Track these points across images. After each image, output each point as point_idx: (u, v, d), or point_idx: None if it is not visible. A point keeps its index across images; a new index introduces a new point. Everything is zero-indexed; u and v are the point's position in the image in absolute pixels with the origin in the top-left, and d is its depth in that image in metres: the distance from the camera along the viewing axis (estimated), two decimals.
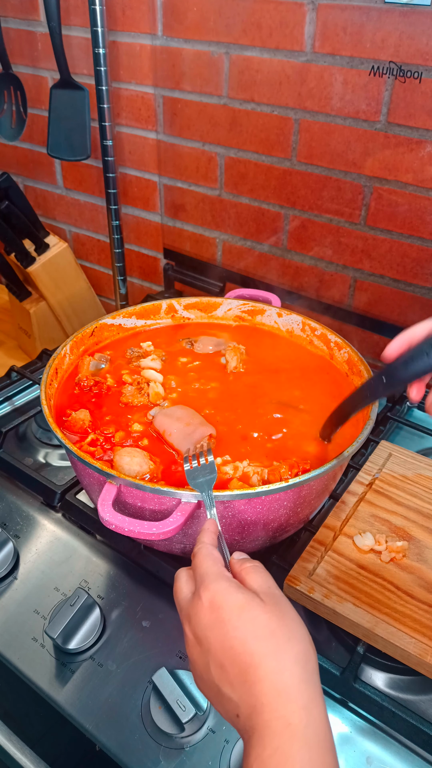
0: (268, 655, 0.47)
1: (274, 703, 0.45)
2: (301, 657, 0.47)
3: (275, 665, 0.46)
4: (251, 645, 0.47)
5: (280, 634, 0.48)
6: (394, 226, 1.07)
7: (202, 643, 0.49)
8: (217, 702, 0.49)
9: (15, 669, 0.74)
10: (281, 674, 0.46)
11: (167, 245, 1.41)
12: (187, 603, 0.52)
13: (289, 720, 0.44)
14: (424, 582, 0.74)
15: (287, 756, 0.43)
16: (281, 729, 0.44)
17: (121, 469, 0.72)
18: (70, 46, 1.27)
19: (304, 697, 0.45)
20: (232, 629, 0.48)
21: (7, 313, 1.59)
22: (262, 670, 0.46)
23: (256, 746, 0.44)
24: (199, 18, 1.10)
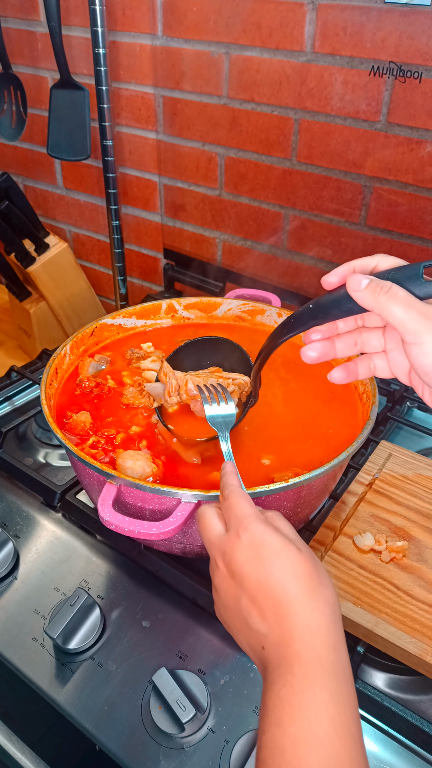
0: (303, 594, 0.49)
1: (305, 636, 0.47)
2: (330, 601, 0.50)
3: (309, 604, 0.48)
4: (288, 583, 0.49)
5: (315, 577, 0.50)
6: (394, 226, 1.07)
7: (236, 576, 0.51)
8: (241, 633, 0.51)
9: (15, 669, 0.74)
10: (313, 612, 0.48)
11: (167, 245, 1.41)
12: (222, 538, 0.54)
13: (318, 653, 0.46)
14: (424, 582, 0.74)
15: (316, 682, 0.45)
16: (311, 659, 0.46)
17: (123, 471, 0.72)
18: (70, 46, 1.27)
19: (333, 637, 0.48)
20: (270, 566, 0.50)
21: (7, 313, 1.59)
22: (295, 606, 0.48)
23: (285, 673, 0.46)
24: (199, 18, 1.10)
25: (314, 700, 0.44)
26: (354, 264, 0.55)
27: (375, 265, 0.54)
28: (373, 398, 0.79)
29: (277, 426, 0.83)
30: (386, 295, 0.50)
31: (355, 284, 0.52)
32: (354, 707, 0.46)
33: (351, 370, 0.60)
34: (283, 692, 0.45)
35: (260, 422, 0.84)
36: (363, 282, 0.51)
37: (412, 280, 0.51)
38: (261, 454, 0.79)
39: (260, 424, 0.83)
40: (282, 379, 0.93)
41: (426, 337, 0.49)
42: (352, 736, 0.44)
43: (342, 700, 0.45)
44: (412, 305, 0.49)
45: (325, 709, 0.44)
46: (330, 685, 0.45)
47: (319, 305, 0.58)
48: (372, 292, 0.51)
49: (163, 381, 0.83)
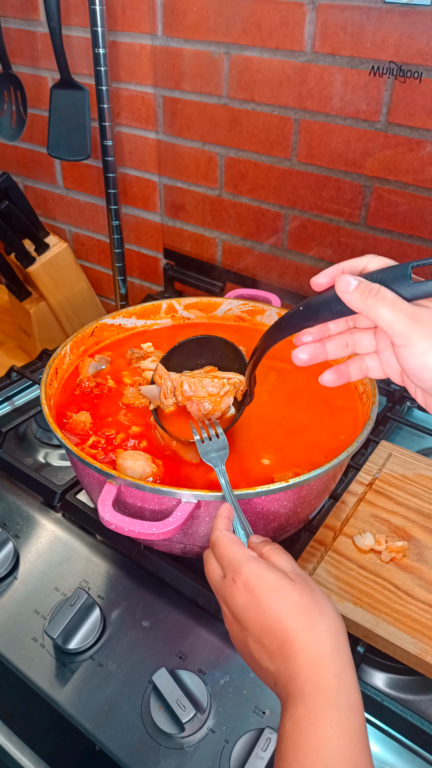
0: (303, 630, 0.49)
1: (308, 672, 0.48)
2: (333, 630, 0.50)
3: (309, 638, 0.49)
4: (286, 622, 0.50)
5: (313, 609, 0.51)
6: (394, 226, 1.07)
7: (240, 621, 0.52)
8: (257, 671, 0.53)
9: (15, 669, 0.74)
10: (315, 646, 0.49)
11: (167, 245, 1.41)
12: (221, 584, 0.55)
13: (321, 685, 0.47)
14: (424, 582, 0.74)
15: (318, 715, 0.46)
16: (314, 693, 0.47)
17: (123, 471, 0.72)
18: (70, 46, 1.27)
19: (336, 666, 0.48)
20: (267, 608, 0.51)
21: (7, 313, 1.59)
22: (297, 644, 0.49)
23: (290, 708, 0.47)
24: (199, 18, 1.10)
25: (317, 737, 0.45)
26: (343, 265, 0.55)
27: (364, 265, 0.54)
28: (373, 398, 0.79)
29: (277, 426, 0.83)
30: (374, 298, 0.50)
31: (343, 286, 0.51)
32: (360, 736, 0.46)
33: (342, 373, 0.60)
34: (288, 726, 0.46)
35: (260, 422, 0.84)
36: (352, 284, 0.51)
37: (400, 280, 0.51)
38: (261, 454, 0.79)
39: (260, 423, 0.83)
40: (282, 378, 0.93)
41: (414, 339, 0.49)
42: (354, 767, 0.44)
43: (345, 732, 0.45)
44: (400, 307, 0.49)
45: (328, 744, 0.45)
46: (331, 715, 0.46)
47: (309, 307, 0.58)
48: (360, 294, 0.50)
49: (158, 383, 0.83)
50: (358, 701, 0.48)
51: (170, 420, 0.82)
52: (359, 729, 0.46)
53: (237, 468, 0.77)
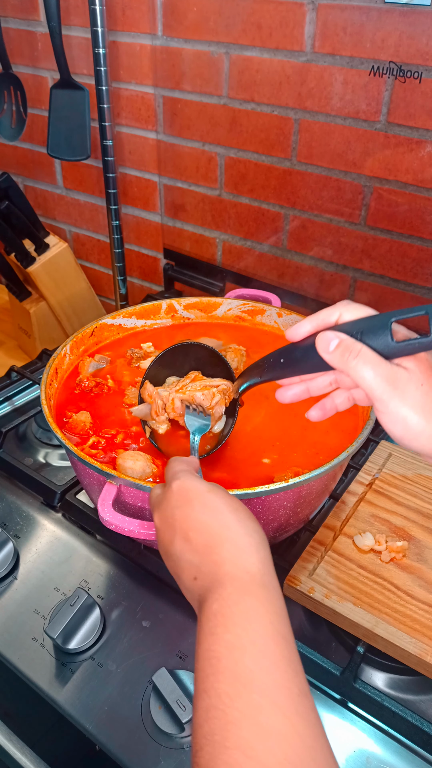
0: (232, 524, 0.51)
1: (235, 556, 0.49)
2: (258, 530, 0.52)
3: (237, 530, 0.51)
4: (216, 517, 0.52)
5: (242, 510, 0.53)
6: (394, 226, 1.07)
7: (168, 520, 0.53)
8: (179, 570, 0.52)
9: (15, 669, 0.74)
10: (243, 536, 0.51)
11: (167, 245, 1.41)
12: (157, 497, 0.57)
13: (248, 568, 0.49)
14: (424, 582, 0.74)
15: (247, 593, 0.47)
16: (241, 574, 0.48)
17: (123, 471, 0.72)
18: (70, 46, 1.27)
19: (262, 554, 0.50)
20: (198, 505, 0.53)
21: (7, 313, 1.59)
22: (225, 533, 0.51)
23: (217, 590, 0.48)
24: (199, 18, 1.10)
25: (246, 609, 0.46)
26: (318, 317, 0.54)
27: (338, 316, 0.53)
28: None
29: (277, 426, 0.83)
30: (356, 360, 0.49)
31: (323, 345, 0.51)
32: (284, 614, 0.47)
33: (328, 408, 0.60)
34: (216, 606, 0.47)
35: (260, 422, 0.84)
36: (332, 343, 0.51)
37: (380, 336, 0.50)
38: (261, 454, 0.79)
39: (260, 424, 0.83)
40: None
41: (393, 407, 0.49)
42: (284, 639, 0.45)
43: (273, 608, 0.47)
44: (380, 371, 0.49)
45: (257, 616, 0.46)
46: (261, 594, 0.47)
47: (290, 361, 0.57)
48: (341, 354, 0.50)
49: (148, 401, 0.80)
50: (279, 588, 0.49)
51: (166, 440, 0.81)
52: (284, 609, 0.48)
53: (237, 468, 0.77)
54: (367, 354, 0.49)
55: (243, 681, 0.42)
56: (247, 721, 0.40)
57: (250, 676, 0.42)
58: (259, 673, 0.43)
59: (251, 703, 0.41)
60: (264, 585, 0.48)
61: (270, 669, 0.43)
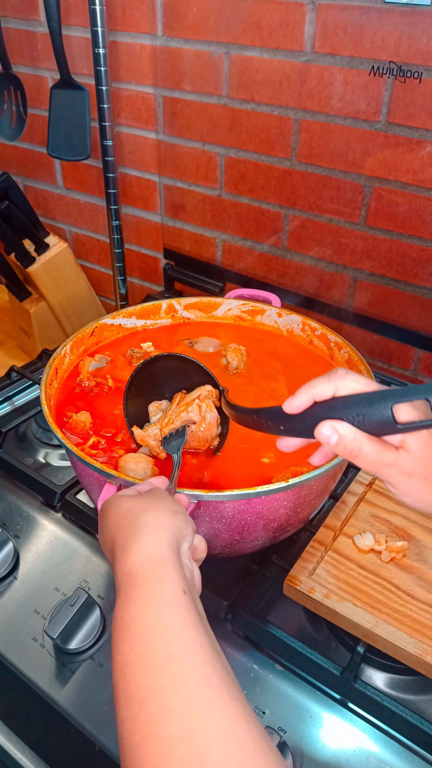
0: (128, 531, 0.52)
1: (120, 563, 0.51)
2: (146, 521, 0.52)
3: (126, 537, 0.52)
4: (117, 523, 0.54)
5: (142, 513, 0.54)
6: (394, 226, 1.07)
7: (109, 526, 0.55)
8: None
9: (15, 669, 0.74)
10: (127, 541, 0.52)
11: (167, 245, 1.41)
12: (124, 500, 0.58)
13: (125, 570, 0.50)
14: (424, 582, 0.74)
15: (125, 597, 0.48)
16: (122, 579, 0.49)
17: (125, 474, 0.72)
18: (70, 46, 1.27)
19: (136, 552, 0.50)
20: (103, 521, 0.56)
21: (7, 313, 1.59)
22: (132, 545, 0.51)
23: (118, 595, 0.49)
24: (199, 18, 1.10)
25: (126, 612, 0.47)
26: (314, 391, 0.53)
27: (334, 390, 0.53)
28: None
29: None
30: (357, 458, 0.51)
31: (324, 438, 0.52)
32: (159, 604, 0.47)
33: (329, 455, 0.61)
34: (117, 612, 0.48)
35: None
36: (332, 439, 0.51)
37: (381, 420, 0.49)
38: (261, 453, 0.79)
39: None
40: (282, 378, 0.93)
41: (399, 485, 0.51)
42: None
43: (146, 601, 0.47)
44: (383, 462, 0.50)
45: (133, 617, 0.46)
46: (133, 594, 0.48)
47: (289, 430, 0.57)
48: (341, 450, 0.51)
49: (145, 444, 0.78)
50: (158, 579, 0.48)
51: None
52: (156, 595, 0.47)
53: (237, 468, 0.77)
54: (368, 451, 0.50)
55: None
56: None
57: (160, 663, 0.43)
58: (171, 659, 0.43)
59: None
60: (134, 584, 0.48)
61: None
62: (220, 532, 0.71)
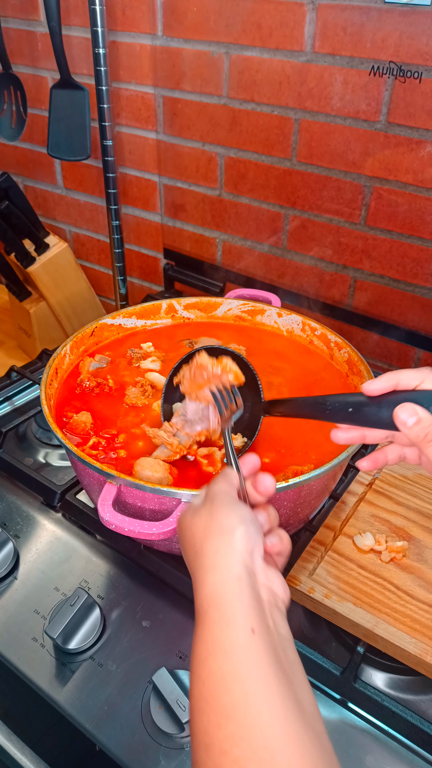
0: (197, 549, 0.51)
1: (199, 597, 0.48)
2: (224, 555, 0.49)
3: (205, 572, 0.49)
4: (188, 551, 0.52)
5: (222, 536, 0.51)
6: (394, 226, 1.07)
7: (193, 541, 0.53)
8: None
9: (15, 669, 0.74)
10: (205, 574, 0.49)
11: (167, 245, 1.41)
12: (196, 509, 0.55)
13: (199, 602, 0.48)
14: (424, 582, 0.74)
15: (201, 624, 0.46)
16: (201, 607, 0.47)
17: (140, 479, 0.71)
18: (70, 46, 1.27)
19: (207, 585, 0.48)
20: (180, 537, 0.54)
21: (7, 313, 1.59)
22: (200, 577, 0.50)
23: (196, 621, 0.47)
24: (199, 18, 1.10)
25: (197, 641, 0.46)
26: (399, 377, 0.54)
27: (420, 382, 0.53)
28: None
29: (277, 425, 0.83)
30: (430, 443, 0.51)
31: (403, 418, 0.52)
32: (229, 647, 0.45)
33: (380, 461, 0.60)
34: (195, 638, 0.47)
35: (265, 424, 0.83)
36: (411, 419, 0.51)
37: None
38: (261, 453, 0.79)
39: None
40: (282, 378, 0.93)
41: None
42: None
43: (216, 642, 0.45)
44: None
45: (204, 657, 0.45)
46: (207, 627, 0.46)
47: (359, 413, 0.57)
48: (418, 432, 0.51)
49: (160, 441, 0.76)
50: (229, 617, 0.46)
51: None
52: (233, 640, 0.45)
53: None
54: None
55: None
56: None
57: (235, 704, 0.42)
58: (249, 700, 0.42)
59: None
60: (209, 618, 0.46)
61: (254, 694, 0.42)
62: None
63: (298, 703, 0.42)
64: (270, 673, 0.42)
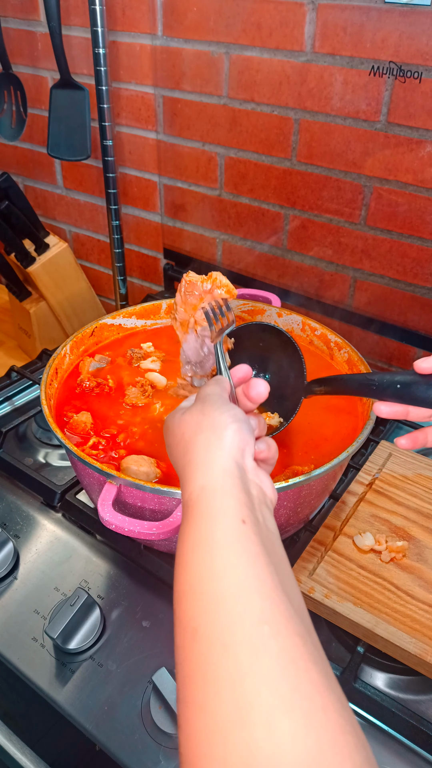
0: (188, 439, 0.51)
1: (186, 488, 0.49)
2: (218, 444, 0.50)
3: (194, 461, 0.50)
4: (175, 448, 0.52)
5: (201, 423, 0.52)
6: (394, 226, 1.07)
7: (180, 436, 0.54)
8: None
9: (15, 669, 0.74)
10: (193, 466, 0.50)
11: (167, 245, 1.41)
12: (184, 411, 0.56)
13: (186, 496, 0.48)
14: (424, 582, 0.74)
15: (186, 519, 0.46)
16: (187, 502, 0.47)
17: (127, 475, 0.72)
18: (70, 46, 1.27)
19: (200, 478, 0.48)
20: (166, 442, 0.55)
21: (7, 313, 1.59)
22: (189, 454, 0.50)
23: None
24: (199, 18, 1.10)
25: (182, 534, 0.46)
26: None
27: None
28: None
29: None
30: None
31: None
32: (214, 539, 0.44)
33: (420, 441, 0.60)
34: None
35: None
36: None
37: None
38: None
39: None
40: None
41: None
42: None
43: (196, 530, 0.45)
44: None
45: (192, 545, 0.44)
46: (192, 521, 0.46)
47: (408, 392, 0.56)
48: None
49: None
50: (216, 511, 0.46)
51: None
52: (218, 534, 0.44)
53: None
54: None
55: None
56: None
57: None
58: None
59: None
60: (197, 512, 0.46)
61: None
62: None
63: (288, 594, 0.42)
64: (262, 563, 0.42)
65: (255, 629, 0.38)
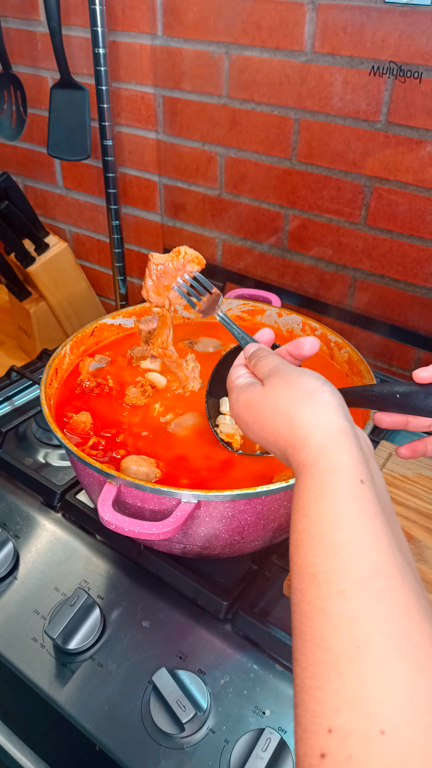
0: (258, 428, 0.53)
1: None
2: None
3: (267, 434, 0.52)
4: (270, 423, 0.52)
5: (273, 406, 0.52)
6: (394, 226, 1.07)
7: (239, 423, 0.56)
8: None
9: (15, 669, 0.74)
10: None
11: (167, 245, 1.41)
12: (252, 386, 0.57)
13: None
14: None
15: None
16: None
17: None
18: (70, 46, 1.27)
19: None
20: (243, 424, 0.55)
21: (7, 313, 1.59)
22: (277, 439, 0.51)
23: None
24: (199, 18, 1.10)
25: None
26: None
27: None
28: None
29: None
30: None
31: None
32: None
33: (419, 451, 0.61)
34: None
35: None
36: None
37: None
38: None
39: None
40: None
41: None
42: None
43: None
44: None
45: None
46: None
47: (408, 401, 0.56)
48: None
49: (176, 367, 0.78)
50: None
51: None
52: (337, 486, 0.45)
53: (237, 467, 0.77)
54: None
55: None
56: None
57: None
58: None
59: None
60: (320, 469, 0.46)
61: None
62: (220, 532, 0.71)
63: (402, 550, 0.43)
64: (377, 521, 0.43)
65: (371, 580, 0.39)
